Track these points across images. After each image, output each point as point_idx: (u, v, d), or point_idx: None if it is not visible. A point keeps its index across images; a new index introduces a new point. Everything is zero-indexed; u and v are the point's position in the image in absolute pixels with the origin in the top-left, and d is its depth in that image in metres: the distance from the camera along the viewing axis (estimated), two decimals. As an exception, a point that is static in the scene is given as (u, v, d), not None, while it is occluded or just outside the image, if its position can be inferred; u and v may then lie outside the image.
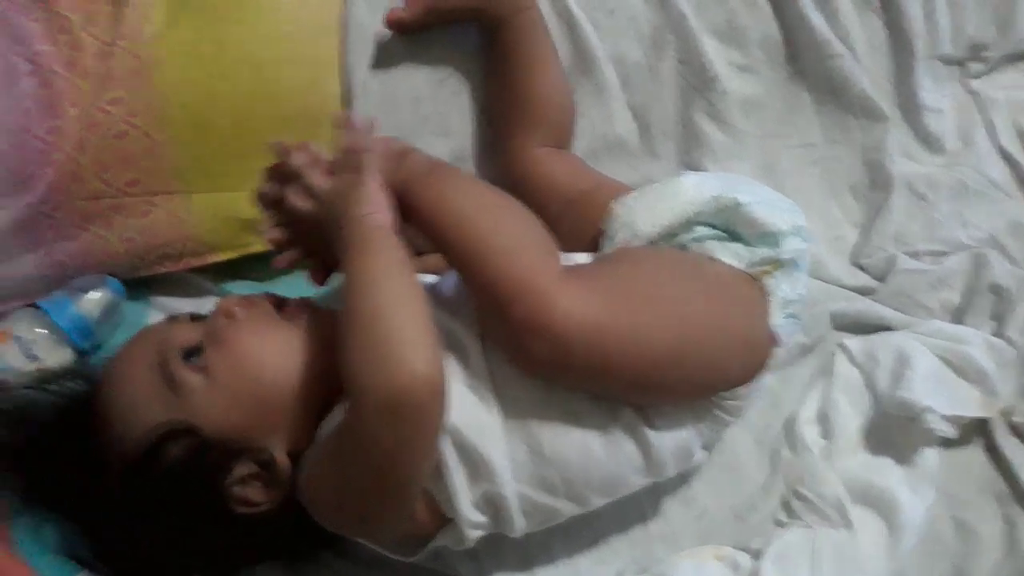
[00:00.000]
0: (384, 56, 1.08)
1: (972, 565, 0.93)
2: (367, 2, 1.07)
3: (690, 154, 1.15)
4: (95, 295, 1.02)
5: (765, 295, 0.86)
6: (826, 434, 1.02)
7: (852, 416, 1.02)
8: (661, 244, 0.90)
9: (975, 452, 1.01)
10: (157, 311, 1.09)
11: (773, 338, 0.86)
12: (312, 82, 1.06)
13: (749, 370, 0.86)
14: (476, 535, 0.81)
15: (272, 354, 0.81)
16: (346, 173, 0.80)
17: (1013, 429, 1.00)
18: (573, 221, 0.96)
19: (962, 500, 0.97)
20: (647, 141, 1.15)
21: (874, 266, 1.14)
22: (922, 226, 1.15)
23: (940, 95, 1.19)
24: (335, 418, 0.79)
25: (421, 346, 0.69)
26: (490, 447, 0.78)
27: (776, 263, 0.86)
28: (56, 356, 1.00)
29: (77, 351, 1.02)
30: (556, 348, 0.73)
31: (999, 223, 1.15)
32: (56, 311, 1.00)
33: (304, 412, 0.80)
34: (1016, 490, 0.97)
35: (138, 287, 1.08)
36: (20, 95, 0.98)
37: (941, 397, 0.97)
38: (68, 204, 1.01)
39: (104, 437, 0.80)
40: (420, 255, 0.93)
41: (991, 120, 1.20)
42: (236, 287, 1.11)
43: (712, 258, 0.87)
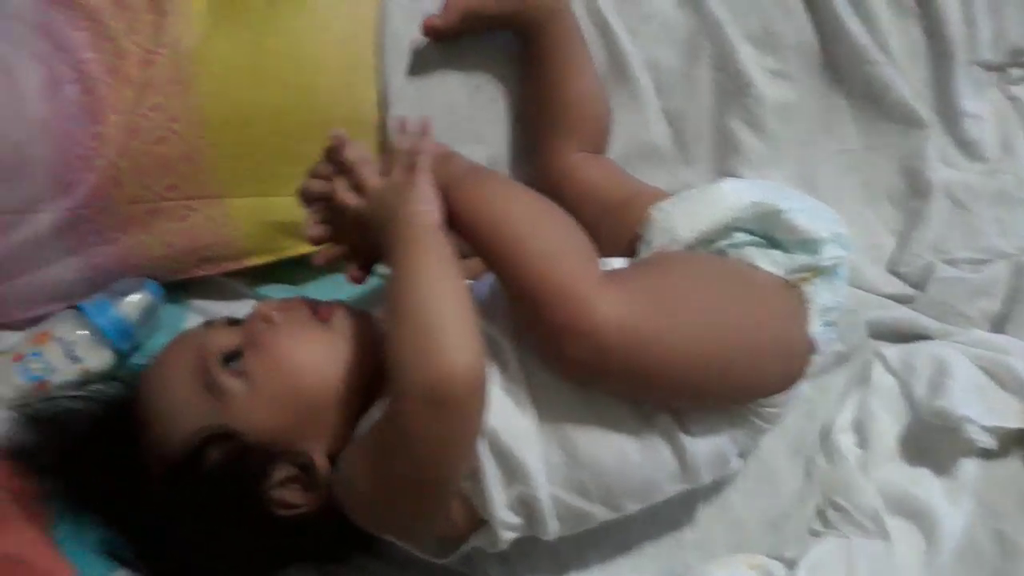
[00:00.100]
0: (420, 63, 1.08)
1: (1011, 577, 0.92)
2: (403, 9, 1.08)
3: (725, 161, 1.14)
4: (135, 298, 1.04)
5: (804, 302, 0.85)
6: (862, 443, 1.01)
7: (889, 425, 1.01)
8: (699, 250, 0.90)
9: (1015, 463, 0.99)
10: (195, 314, 1.10)
11: (812, 345, 0.85)
12: (349, 89, 1.07)
13: (787, 377, 0.85)
14: (509, 537, 0.82)
15: (310, 358, 0.82)
16: (400, 171, 0.81)
17: (1054, 440, 0.99)
18: (610, 227, 0.96)
19: (1001, 512, 0.95)
20: (681, 147, 1.15)
21: (912, 274, 1.13)
22: (961, 234, 1.13)
23: (980, 101, 1.18)
24: (372, 417, 0.79)
25: (465, 340, 0.69)
26: (525, 450, 0.78)
27: (815, 270, 0.85)
28: (97, 357, 1.01)
29: (117, 353, 1.04)
30: (594, 352, 0.73)
31: (1040, 231, 1.13)
32: (97, 313, 1.02)
33: (342, 414, 0.81)
34: (1057, 503, 0.96)
35: (176, 290, 1.10)
36: (64, 102, 1.00)
37: (980, 407, 0.96)
38: (109, 208, 1.03)
39: (145, 441, 0.81)
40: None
41: (1032, 126, 1.19)
42: (272, 291, 1.12)
43: (751, 264, 0.87)
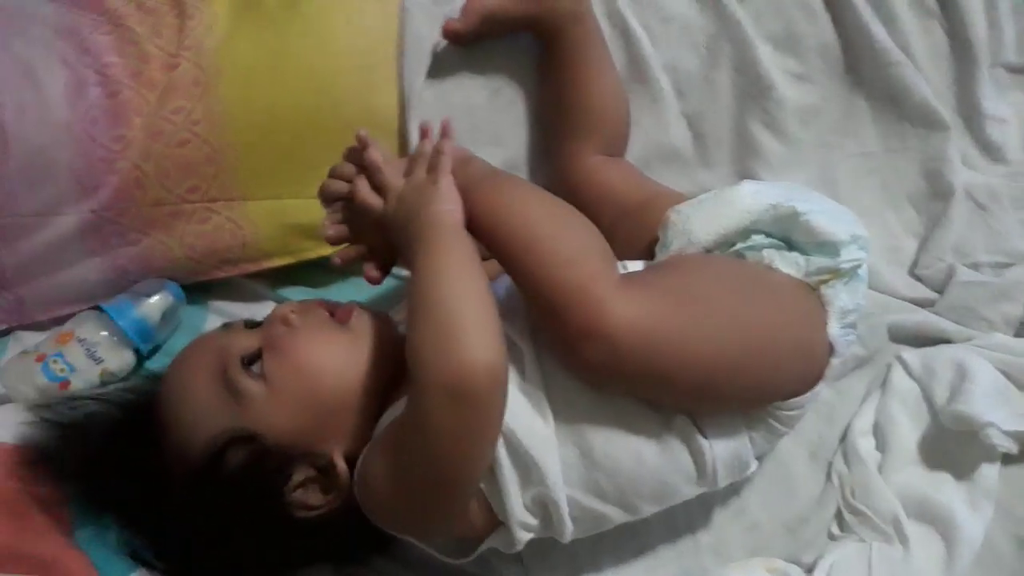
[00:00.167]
0: (440, 66, 1.08)
1: (1032, 583, 0.91)
2: (424, 12, 1.08)
3: (745, 163, 1.14)
4: (156, 299, 1.05)
5: (823, 305, 0.85)
6: (882, 447, 1.00)
7: (909, 430, 1.00)
8: (717, 252, 0.89)
9: (1036, 468, 0.98)
10: (215, 315, 1.11)
11: (830, 348, 0.85)
12: (369, 92, 1.07)
13: (805, 380, 0.85)
14: (526, 537, 0.81)
15: (330, 360, 0.82)
16: (422, 172, 0.82)
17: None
18: (629, 229, 0.96)
19: (1021, 516, 0.94)
20: (701, 150, 1.15)
21: (932, 277, 1.12)
22: (983, 237, 1.13)
23: (1003, 104, 1.17)
24: (391, 417, 0.79)
25: (487, 337, 0.69)
26: (541, 450, 0.78)
27: (835, 272, 0.85)
28: (118, 358, 1.02)
29: (137, 353, 1.05)
30: (611, 354, 0.73)
31: (1064, 234, 1.12)
32: (118, 314, 1.03)
33: (361, 415, 0.81)
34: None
35: (196, 291, 1.11)
36: (88, 105, 1.01)
37: (1002, 412, 0.95)
38: (131, 210, 1.04)
39: (166, 444, 0.82)
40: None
41: (1056, 130, 1.18)
42: (291, 292, 1.12)
43: (769, 267, 0.86)
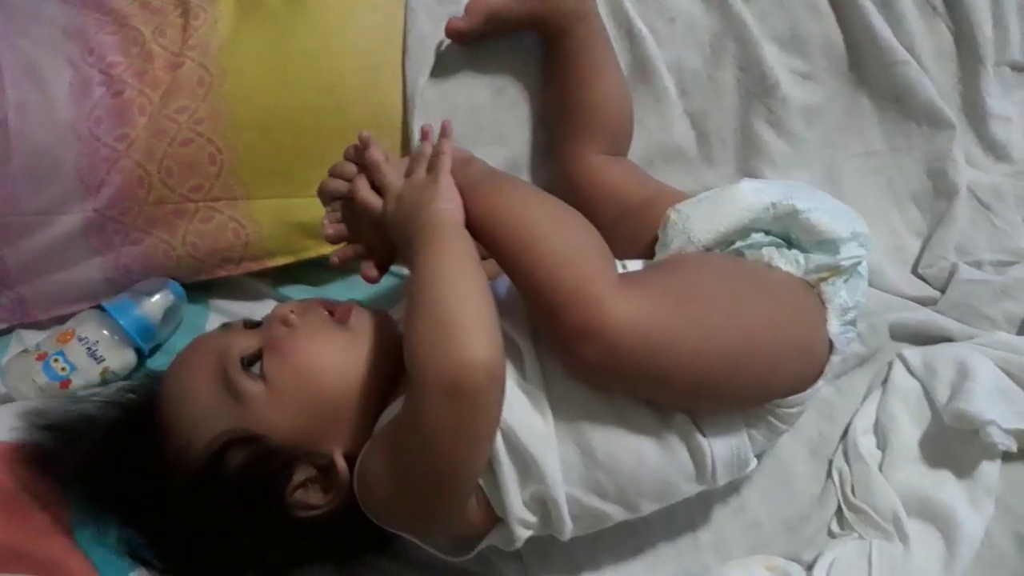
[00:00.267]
0: (443, 65, 1.08)
1: (1033, 581, 0.91)
2: (428, 12, 1.08)
3: (749, 162, 1.14)
4: (157, 298, 1.05)
5: (822, 302, 0.85)
6: (883, 445, 1.00)
7: (910, 428, 1.00)
8: (717, 251, 0.90)
9: (1037, 466, 0.98)
10: (216, 314, 1.12)
11: (830, 345, 0.85)
12: (373, 91, 1.07)
13: (805, 378, 0.85)
14: (525, 534, 0.81)
15: (330, 360, 0.82)
16: (422, 172, 0.83)
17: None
18: (630, 228, 0.96)
19: (1021, 514, 0.94)
20: (705, 149, 1.15)
21: (935, 276, 1.12)
22: (986, 235, 1.13)
23: (1008, 102, 1.17)
24: (390, 415, 0.79)
25: (485, 335, 0.69)
26: (541, 448, 0.78)
27: (834, 270, 0.85)
28: (119, 357, 1.03)
29: (139, 352, 1.05)
30: (609, 354, 0.73)
31: (1067, 233, 1.12)
32: (120, 313, 1.03)
33: (361, 414, 0.81)
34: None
35: (197, 290, 1.11)
36: (92, 105, 1.01)
37: (1002, 410, 0.95)
38: (134, 209, 1.04)
39: (166, 445, 0.81)
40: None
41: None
42: (292, 291, 1.12)
43: (769, 265, 0.86)
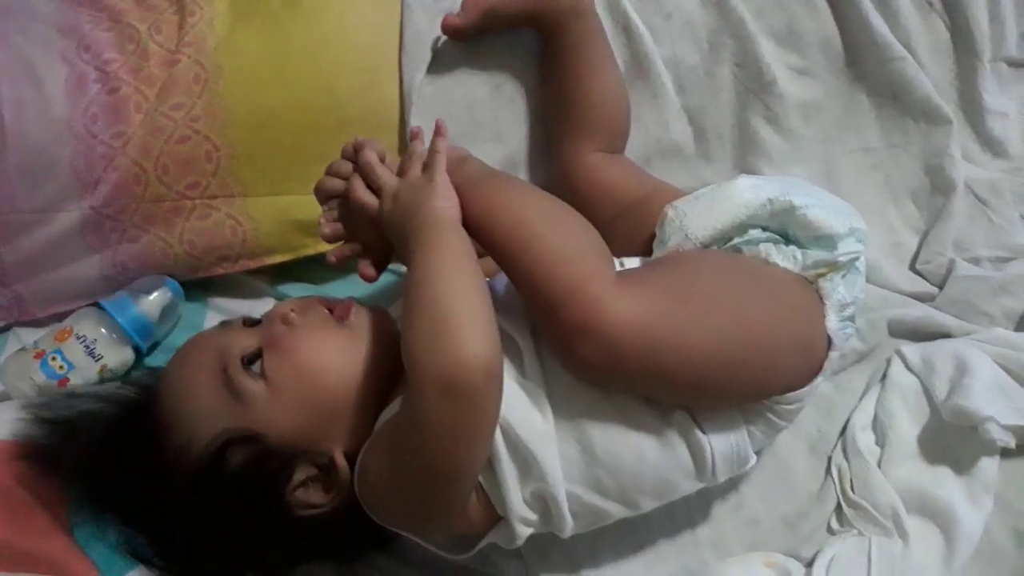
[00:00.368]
0: (440, 62, 1.08)
1: (1031, 576, 0.91)
2: (424, 9, 1.08)
3: (746, 158, 1.14)
4: (155, 296, 1.05)
5: (820, 298, 0.85)
6: (881, 442, 1.00)
7: (908, 424, 1.00)
8: (714, 247, 0.90)
9: (1035, 462, 0.98)
10: (214, 311, 1.11)
11: (828, 341, 0.85)
12: (370, 88, 1.07)
13: (803, 374, 0.85)
14: (526, 532, 0.81)
15: (331, 359, 0.82)
16: (417, 171, 0.82)
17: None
18: (628, 225, 0.96)
19: (1020, 510, 0.94)
20: (702, 145, 1.15)
21: (933, 272, 1.12)
22: (984, 231, 1.13)
23: (1005, 98, 1.17)
24: (390, 412, 0.79)
25: (482, 333, 0.69)
26: (541, 446, 0.78)
27: (832, 265, 0.85)
28: (117, 355, 1.02)
29: (136, 350, 1.05)
30: (607, 352, 0.73)
31: (1064, 228, 1.12)
32: (118, 311, 1.03)
33: (361, 413, 0.81)
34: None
35: (195, 288, 1.11)
36: (87, 102, 1.01)
37: (1001, 406, 0.95)
38: (131, 207, 1.04)
39: (166, 444, 0.81)
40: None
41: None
42: (290, 289, 1.12)
43: (766, 261, 0.86)
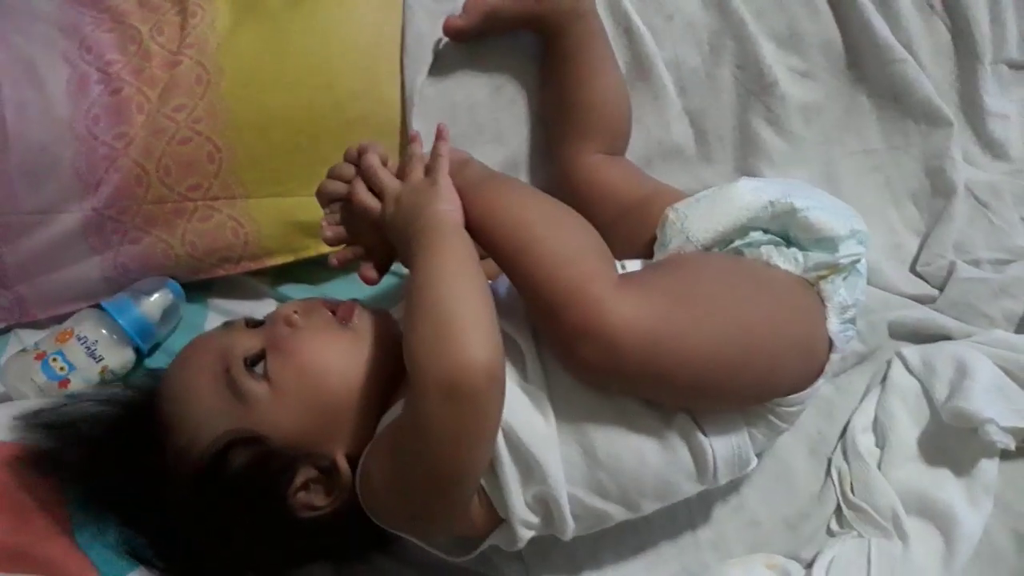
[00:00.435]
0: (441, 63, 1.08)
1: (1031, 578, 0.91)
2: (426, 10, 1.08)
3: (747, 160, 1.14)
4: (156, 297, 1.05)
5: (822, 300, 0.85)
6: (882, 444, 1.00)
7: (909, 426, 1.00)
8: (716, 250, 0.89)
9: (1035, 464, 0.98)
10: (215, 313, 1.11)
11: (830, 344, 0.85)
12: (371, 89, 1.07)
13: (805, 376, 0.85)
14: (528, 535, 0.81)
15: (334, 361, 0.82)
16: (419, 173, 0.82)
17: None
18: (630, 228, 0.96)
19: (1020, 512, 0.95)
20: (703, 147, 1.15)
21: (934, 274, 1.12)
22: (984, 234, 1.13)
23: (1006, 100, 1.17)
24: (392, 416, 0.79)
25: (484, 336, 0.69)
26: (543, 448, 0.78)
27: (833, 267, 0.85)
28: (118, 356, 1.02)
29: (138, 352, 1.05)
30: (609, 354, 0.73)
31: (1065, 231, 1.12)
32: (119, 312, 1.03)
33: (363, 415, 0.81)
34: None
35: (196, 289, 1.11)
36: (89, 103, 1.01)
37: (1001, 408, 0.95)
38: (133, 208, 1.04)
39: (168, 444, 0.81)
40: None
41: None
42: (291, 290, 1.12)
43: (768, 263, 0.86)
